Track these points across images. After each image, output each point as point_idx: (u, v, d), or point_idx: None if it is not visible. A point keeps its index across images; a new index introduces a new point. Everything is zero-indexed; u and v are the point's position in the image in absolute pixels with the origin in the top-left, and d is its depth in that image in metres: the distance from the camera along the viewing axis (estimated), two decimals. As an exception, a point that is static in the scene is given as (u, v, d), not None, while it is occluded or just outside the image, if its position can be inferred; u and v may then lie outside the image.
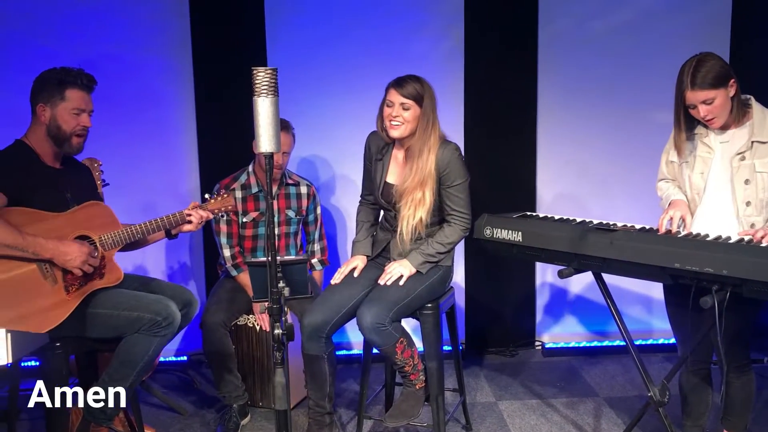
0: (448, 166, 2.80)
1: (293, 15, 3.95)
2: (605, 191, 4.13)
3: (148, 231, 2.71)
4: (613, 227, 2.57)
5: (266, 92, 1.76)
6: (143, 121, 3.96)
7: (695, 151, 2.58)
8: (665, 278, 2.36)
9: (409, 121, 2.79)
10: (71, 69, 2.63)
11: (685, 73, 2.45)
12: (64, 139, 2.63)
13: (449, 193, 2.83)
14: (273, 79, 1.77)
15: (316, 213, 3.63)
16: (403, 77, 2.81)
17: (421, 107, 2.78)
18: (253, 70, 1.78)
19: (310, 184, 3.61)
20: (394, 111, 2.78)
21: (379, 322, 2.69)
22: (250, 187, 3.43)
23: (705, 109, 2.45)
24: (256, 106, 1.78)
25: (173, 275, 4.10)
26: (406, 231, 2.83)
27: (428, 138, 2.79)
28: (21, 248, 2.41)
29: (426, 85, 2.81)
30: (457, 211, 2.85)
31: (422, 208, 2.80)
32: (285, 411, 1.83)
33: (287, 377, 1.84)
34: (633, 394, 3.56)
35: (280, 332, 1.87)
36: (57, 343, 2.54)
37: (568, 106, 4.08)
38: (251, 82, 1.81)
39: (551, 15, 4.00)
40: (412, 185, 2.80)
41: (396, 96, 2.78)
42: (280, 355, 1.86)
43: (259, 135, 1.79)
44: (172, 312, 2.62)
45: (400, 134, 2.81)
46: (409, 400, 2.87)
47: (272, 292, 1.89)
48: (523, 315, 4.26)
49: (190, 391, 3.74)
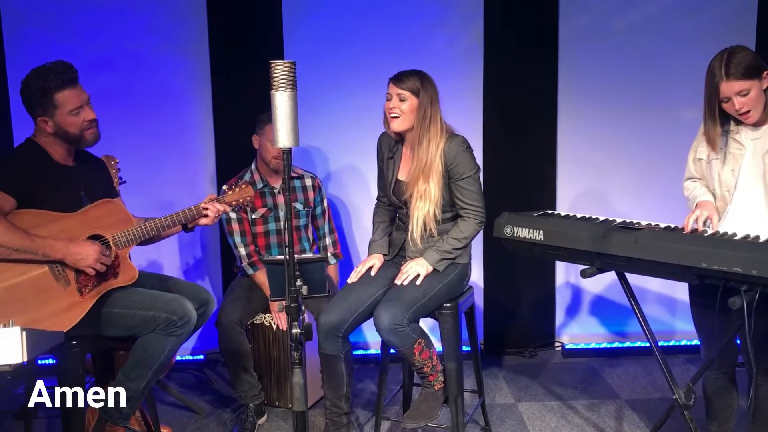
0: (455, 159, 2.77)
1: (311, 11, 3.93)
2: (627, 190, 4.06)
3: (163, 227, 2.67)
4: (638, 226, 2.51)
5: (284, 86, 1.72)
6: (161, 119, 3.95)
7: (726, 148, 2.52)
8: (691, 278, 2.29)
9: (405, 113, 2.77)
10: (47, 71, 2.49)
11: (717, 65, 2.40)
12: (77, 140, 2.59)
13: (459, 187, 2.80)
14: (291, 72, 1.74)
15: (323, 205, 3.60)
16: (402, 72, 2.81)
17: (418, 99, 2.75)
18: (271, 64, 1.75)
19: (315, 176, 3.59)
20: (391, 103, 2.78)
21: (397, 323, 2.65)
22: (255, 184, 3.42)
23: (740, 102, 2.39)
24: (274, 101, 1.74)
25: (189, 272, 4.08)
26: (417, 226, 2.79)
27: (427, 129, 2.76)
28: (31, 251, 2.37)
29: (426, 78, 2.79)
30: (469, 204, 2.81)
31: (428, 201, 2.76)
32: (303, 412, 1.79)
33: (305, 378, 1.80)
34: (655, 397, 3.49)
35: (298, 332, 1.84)
36: (73, 342, 2.52)
37: (589, 104, 4.02)
38: (268, 78, 1.78)
39: (572, 11, 3.94)
40: (415, 176, 2.77)
41: (393, 88, 2.79)
42: (298, 354, 1.82)
43: (277, 130, 1.75)
44: (189, 311, 2.59)
45: (398, 127, 2.79)
46: (427, 401, 2.82)
47: (290, 290, 1.85)
48: (543, 315, 4.20)
49: (206, 390, 3.72)
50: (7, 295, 2.35)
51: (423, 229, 2.81)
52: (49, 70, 2.50)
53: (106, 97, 3.80)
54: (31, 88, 2.50)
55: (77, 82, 2.57)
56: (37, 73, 2.51)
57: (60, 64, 2.54)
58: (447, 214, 2.86)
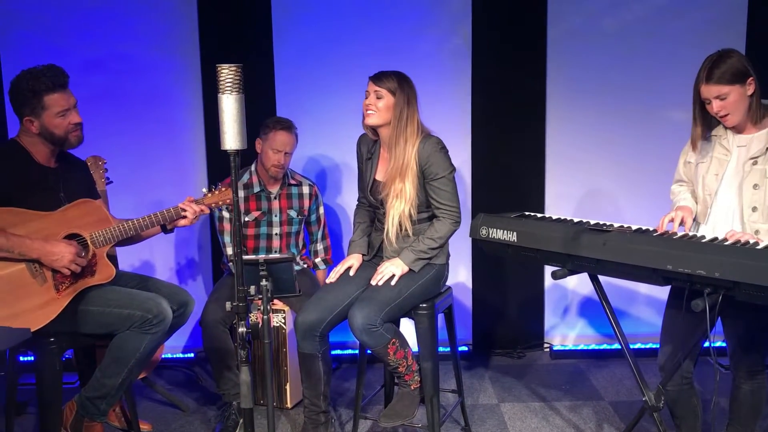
0: (429, 159, 2.79)
1: (300, 13, 3.96)
2: (616, 191, 4.05)
3: (141, 227, 2.71)
4: (608, 228, 2.52)
5: (230, 89, 1.76)
6: (151, 119, 4.00)
7: (712, 152, 2.53)
8: (658, 280, 2.30)
9: (380, 110, 2.80)
10: (39, 72, 2.55)
11: (703, 66, 2.42)
12: (62, 141, 2.64)
13: (434, 187, 2.81)
14: (237, 76, 1.77)
15: (318, 213, 3.63)
16: (382, 71, 2.84)
17: (394, 97, 2.78)
18: (217, 68, 1.78)
19: (313, 184, 3.61)
20: (368, 100, 2.82)
21: (370, 323, 2.67)
22: (252, 187, 3.45)
23: (718, 105, 2.40)
24: (221, 104, 1.77)
25: (181, 271, 4.13)
26: (392, 226, 2.82)
27: (404, 129, 2.79)
28: (6, 249, 2.42)
29: (404, 79, 2.83)
30: (444, 204, 2.83)
31: (404, 200, 2.79)
32: (251, 410, 1.82)
33: (253, 376, 1.83)
34: (638, 399, 3.43)
35: (245, 330, 1.86)
36: (51, 339, 2.57)
37: (578, 105, 4.01)
38: (259, 80, 1.80)
39: (561, 12, 3.93)
40: (392, 175, 2.80)
41: (371, 86, 2.83)
42: (245, 353, 1.85)
43: (224, 132, 1.79)
44: (164, 310, 2.63)
45: (372, 122, 2.82)
46: (403, 400, 2.85)
47: (238, 290, 1.88)
48: (532, 316, 4.20)
49: (194, 388, 3.76)
50: None
51: (398, 229, 2.83)
52: (41, 73, 2.56)
53: (98, 98, 3.88)
54: (21, 89, 2.56)
55: (67, 87, 2.63)
56: (29, 74, 2.57)
57: (52, 68, 2.60)
58: (423, 214, 2.88)
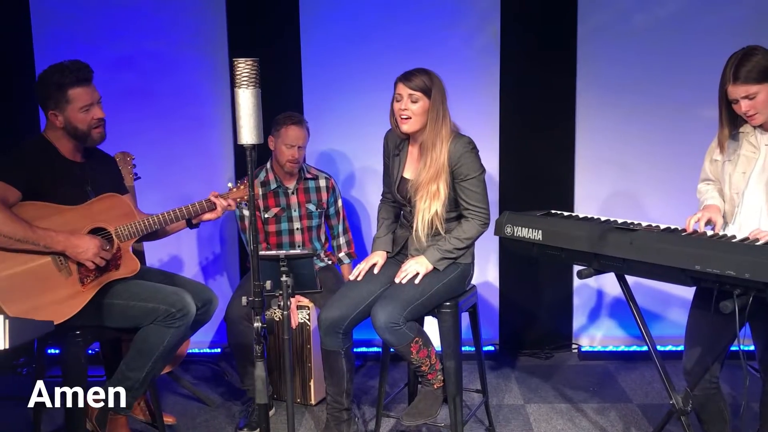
0: (460, 159, 2.75)
1: (327, 11, 3.96)
2: (646, 189, 3.98)
3: (165, 221, 2.74)
4: (636, 227, 2.46)
5: (246, 83, 1.75)
6: (180, 116, 4.04)
7: (740, 150, 2.47)
8: (686, 281, 2.24)
9: (417, 115, 2.75)
10: (64, 67, 2.61)
11: (729, 66, 2.37)
12: (84, 136, 2.67)
13: (463, 188, 2.78)
14: (254, 70, 1.76)
15: (337, 206, 3.63)
16: (410, 70, 2.78)
17: (429, 99, 2.74)
18: (234, 62, 1.78)
19: (329, 177, 3.62)
20: (402, 104, 2.76)
21: (393, 321, 2.65)
22: (269, 184, 3.47)
23: (746, 104, 2.35)
24: (237, 98, 1.77)
25: (207, 267, 4.16)
26: (422, 225, 2.79)
27: (439, 130, 2.75)
28: (32, 242, 2.45)
29: (434, 77, 2.77)
30: (473, 205, 2.79)
31: (437, 200, 2.75)
32: (265, 405, 1.82)
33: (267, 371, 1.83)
34: (668, 402, 3.36)
35: (260, 326, 1.86)
36: (77, 332, 2.60)
37: (608, 103, 3.95)
38: (285, 77, 1.81)
39: (591, 8, 3.87)
40: (426, 178, 2.75)
41: (404, 89, 2.75)
42: (261, 348, 1.85)
43: (240, 126, 1.78)
44: (187, 304, 2.64)
45: (410, 128, 2.77)
46: (426, 399, 2.83)
47: (254, 285, 1.88)
48: (560, 316, 4.15)
49: (220, 383, 3.79)
50: (9, 283, 2.44)
51: (429, 228, 2.81)
52: (66, 67, 2.61)
53: (127, 95, 3.93)
54: (47, 82, 2.61)
55: (91, 82, 2.67)
56: (54, 68, 2.62)
57: (77, 63, 2.64)
58: (451, 213, 2.85)
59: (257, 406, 1.86)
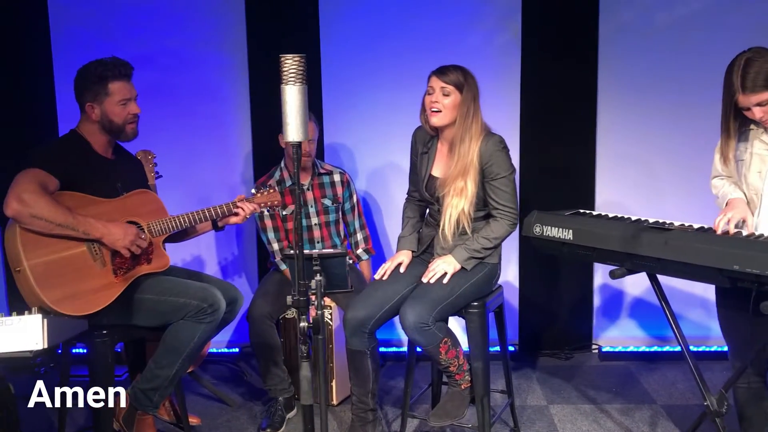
0: (491, 158, 2.73)
1: (347, 8, 3.94)
2: (668, 189, 3.95)
3: (195, 220, 2.75)
4: (669, 226, 2.44)
5: (294, 80, 1.73)
6: (199, 115, 4.02)
7: (751, 148, 2.42)
8: (723, 281, 2.22)
9: (447, 108, 2.73)
10: (106, 61, 2.67)
11: (734, 75, 2.31)
12: (119, 131, 2.70)
13: (493, 187, 2.76)
14: (301, 66, 1.74)
15: (352, 201, 3.61)
16: (445, 65, 2.77)
17: (461, 95, 2.72)
18: (281, 58, 1.76)
19: (344, 172, 3.61)
20: (434, 97, 2.74)
21: (423, 321, 2.63)
22: (284, 182, 3.46)
23: (760, 111, 2.31)
24: (284, 95, 1.75)
25: (226, 268, 4.14)
26: (449, 223, 2.76)
27: (469, 127, 2.73)
28: (72, 227, 2.47)
29: (468, 74, 2.75)
30: (502, 205, 2.77)
31: (464, 198, 2.73)
32: (310, 406, 1.80)
33: (313, 372, 1.80)
34: (693, 403, 3.39)
35: (306, 325, 1.84)
36: (104, 331, 2.59)
37: (630, 101, 3.92)
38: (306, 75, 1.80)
39: (613, 6, 3.85)
40: (454, 174, 2.73)
41: (436, 82, 2.74)
42: (306, 348, 1.82)
43: (287, 124, 1.76)
44: (218, 299, 2.65)
45: (439, 122, 2.75)
46: (454, 400, 2.80)
47: (299, 284, 1.86)
48: (580, 317, 4.12)
49: (239, 383, 3.77)
50: (46, 269, 2.45)
51: (456, 227, 2.78)
52: (109, 62, 2.68)
53: (146, 94, 3.87)
54: (89, 73, 2.65)
55: (131, 79, 2.74)
56: (97, 62, 2.68)
57: (119, 60, 2.72)
58: (479, 213, 2.83)
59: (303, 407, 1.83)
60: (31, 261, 2.43)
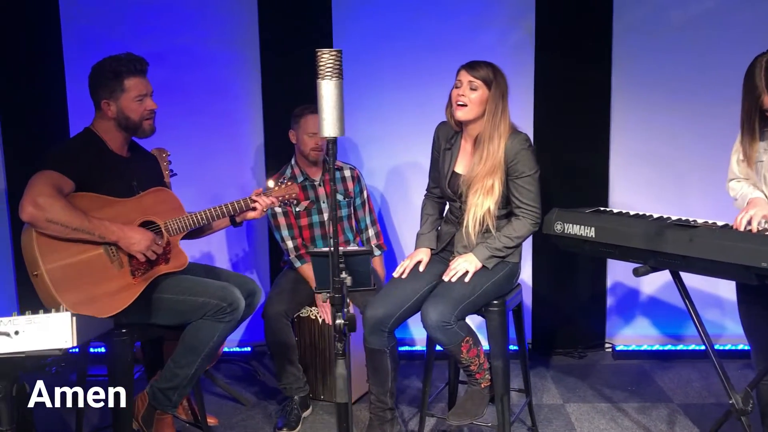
0: (516, 156, 2.71)
1: (360, 5, 3.92)
2: (682, 188, 3.94)
3: (212, 217, 2.73)
4: (694, 223, 2.43)
5: (330, 75, 1.71)
6: (211, 112, 4.00)
7: None
8: (750, 278, 2.21)
9: (473, 103, 2.70)
10: (121, 57, 2.64)
11: (757, 77, 2.29)
12: (136, 127, 2.68)
13: (518, 185, 2.74)
14: (338, 61, 1.73)
15: (363, 196, 3.59)
16: (476, 60, 2.75)
17: (489, 91, 2.70)
18: (317, 52, 1.74)
19: (354, 168, 3.60)
20: (461, 91, 2.72)
21: (445, 320, 2.61)
22: (296, 178, 3.44)
23: None
24: (320, 89, 1.73)
25: (237, 265, 4.12)
26: (473, 222, 2.74)
27: (498, 125, 2.70)
28: (88, 231, 2.45)
29: (498, 71, 2.74)
30: (526, 204, 2.75)
31: (491, 197, 2.71)
32: (346, 404, 1.78)
33: (349, 369, 1.79)
34: (710, 402, 3.38)
35: (342, 322, 1.82)
36: (123, 330, 2.57)
37: (644, 99, 3.91)
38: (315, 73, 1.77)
39: (627, 4, 3.83)
40: (482, 173, 2.71)
41: (465, 76, 2.72)
42: (342, 346, 1.81)
43: (323, 119, 1.74)
44: (237, 298, 2.63)
45: (464, 116, 2.73)
46: (473, 399, 2.79)
47: (334, 281, 1.84)
48: (593, 315, 4.11)
49: (253, 382, 3.75)
50: (64, 273, 2.43)
51: (480, 225, 2.76)
52: (123, 58, 2.66)
53: (157, 92, 3.84)
54: (103, 70, 2.63)
55: (146, 74, 2.71)
56: (112, 58, 2.66)
57: (134, 55, 2.69)
58: (502, 211, 2.81)
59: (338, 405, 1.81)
60: (48, 265, 2.40)
